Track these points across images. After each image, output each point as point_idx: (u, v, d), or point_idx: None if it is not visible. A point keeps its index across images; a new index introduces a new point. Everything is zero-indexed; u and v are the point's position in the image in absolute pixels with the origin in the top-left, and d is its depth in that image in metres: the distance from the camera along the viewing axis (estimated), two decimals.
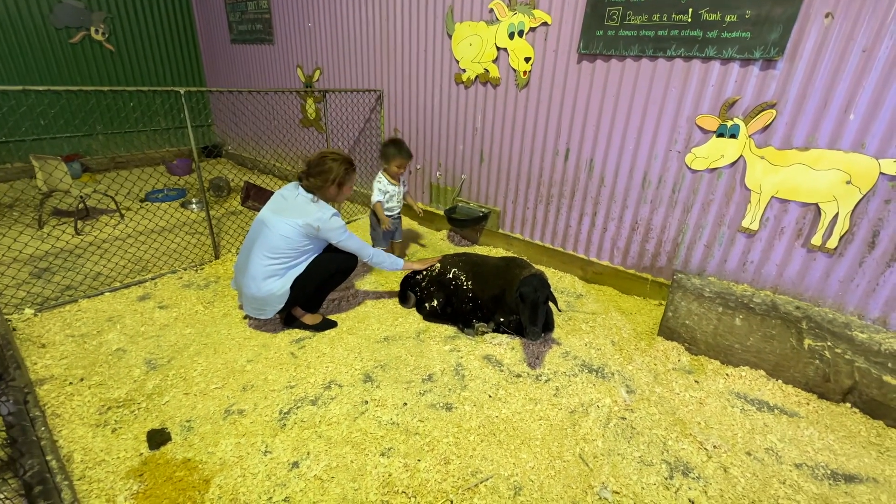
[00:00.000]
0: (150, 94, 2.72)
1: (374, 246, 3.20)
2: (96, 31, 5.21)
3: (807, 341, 2.14)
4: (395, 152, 3.00)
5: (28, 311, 2.49)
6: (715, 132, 2.42)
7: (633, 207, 2.86)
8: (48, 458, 1.52)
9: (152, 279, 2.94)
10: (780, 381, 2.23)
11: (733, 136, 2.36)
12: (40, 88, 2.32)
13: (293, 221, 2.20)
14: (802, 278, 2.35)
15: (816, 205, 2.22)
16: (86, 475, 1.60)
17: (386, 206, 3.10)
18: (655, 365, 2.33)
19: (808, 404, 2.11)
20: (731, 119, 2.35)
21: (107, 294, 2.75)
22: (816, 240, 2.26)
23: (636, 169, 2.77)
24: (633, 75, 2.61)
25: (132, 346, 2.30)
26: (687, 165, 2.57)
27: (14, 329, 2.35)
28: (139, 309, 2.63)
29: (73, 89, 2.45)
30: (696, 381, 2.22)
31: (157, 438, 1.75)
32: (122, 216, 3.97)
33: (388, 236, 3.23)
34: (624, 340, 2.52)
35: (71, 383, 2.03)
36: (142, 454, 1.70)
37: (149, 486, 1.57)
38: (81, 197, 3.69)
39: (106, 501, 1.52)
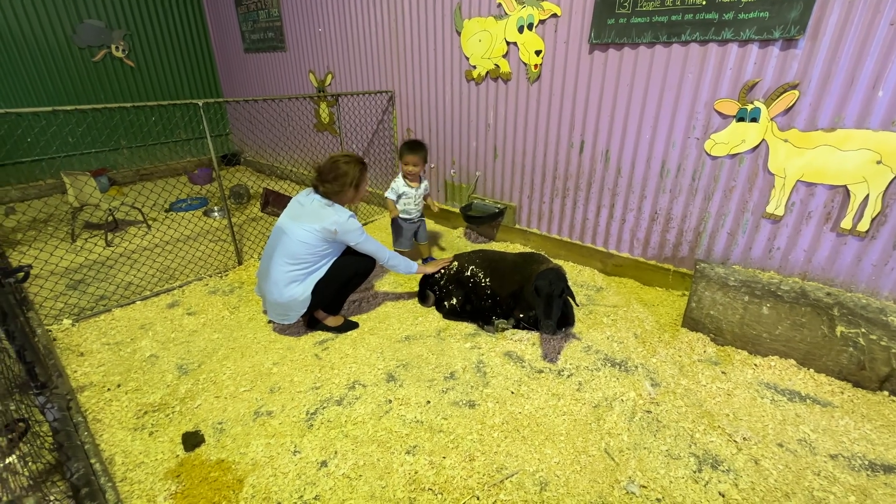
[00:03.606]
0: (170, 107, 2.80)
1: (395, 247, 3.26)
2: (117, 48, 5.39)
3: (839, 328, 2.08)
4: (404, 150, 3.04)
5: (66, 322, 2.61)
6: (735, 117, 2.36)
7: (651, 197, 2.81)
8: (92, 461, 1.60)
9: (180, 287, 3.04)
10: (811, 370, 2.17)
11: (754, 119, 2.30)
12: (68, 108, 2.42)
13: (310, 227, 2.24)
14: (833, 263, 2.28)
15: (845, 187, 2.15)
16: (127, 477, 1.68)
17: (402, 208, 3.12)
18: (680, 357, 2.29)
19: (842, 393, 2.04)
20: (752, 102, 2.29)
21: (138, 303, 2.86)
22: (846, 223, 2.18)
23: (654, 158, 2.72)
24: (647, 63, 2.57)
25: (164, 352, 2.39)
26: (706, 152, 2.51)
27: (54, 339, 2.47)
28: (169, 316, 2.73)
29: (98, 107, 2.54)
30: (722, 373, 2.17)
31: (192, 440, 1.82)
32: (148, 227, 4.12)
33: (410, 237, 3.23)
34: (647, 333, 2.49)
35: (109, 389, 2.12)
36: (178, 456, 1.77)
37: (186, 487, 1.64)
38: (110, 210, 3.84)
39: (147, 502, 1.59)
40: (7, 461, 1.30)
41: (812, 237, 2.30)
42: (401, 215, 3.15)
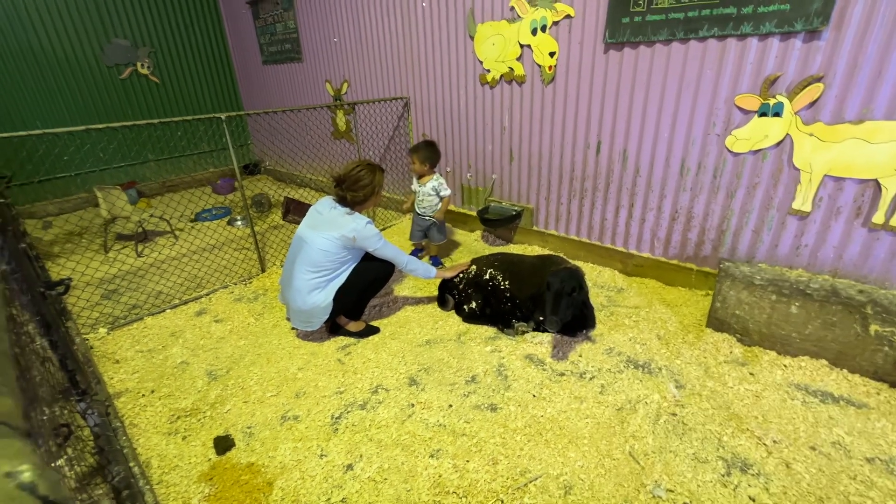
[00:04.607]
0: (195, 121, 2.91)
1: (410, 238, 3.49)
2: (142, 65, 5.61)
3: (873, 327, 2.01)
4: (411, 150, 3.26)
5: (102, 331, 2.73)
6: (756, 112, 2.31)
7: (671, 196, 2.78)
8: (131, 464, 1.68)
9: (207, 295, 3.14)
10: (844, 370, 2.10)
11: (777, 114, 2.25)
12: (100, 126, 2.53)
13: (329, 235, 2.29)
14: (865, 260, 2.21)
15: (876, 181, 2.08)
16: (163, 480, 1.75)
17: (417, 202, 3.33)
18: (706, 358, 2.25)
19: (878, 394, 1.98)
20: (774, 97, 2.24)
21: (168, 311, 2.97)
22: (878, 218, 2.11)
23: (673, 156, 2.69)
24: (664, 60, 2.54)
25: (194, 358, 2.48)
26: (728, 149, 2.47)
27: (91, 347, 2.58)
28: (197, 323, 2.82)
29: (128, 125, 2.66)
30: (750, 374, 2.13)
31: (223, 444, 1.88)
32: (176, 237, 4.26)
33: (419, 233, 3.42)
34: (670, 334, 2.45)
35: (143, 395, 2.21)
36: (210, 459, 1.83)
37: (219, 489, 1.70)
38: (140, 221, 4.00)
39: None
40: (56, 463, 1.37)
41: (842, 233, 2.24)
42: (416, 208, 3.36)
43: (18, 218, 1.89)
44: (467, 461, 1.74)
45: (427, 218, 3.32)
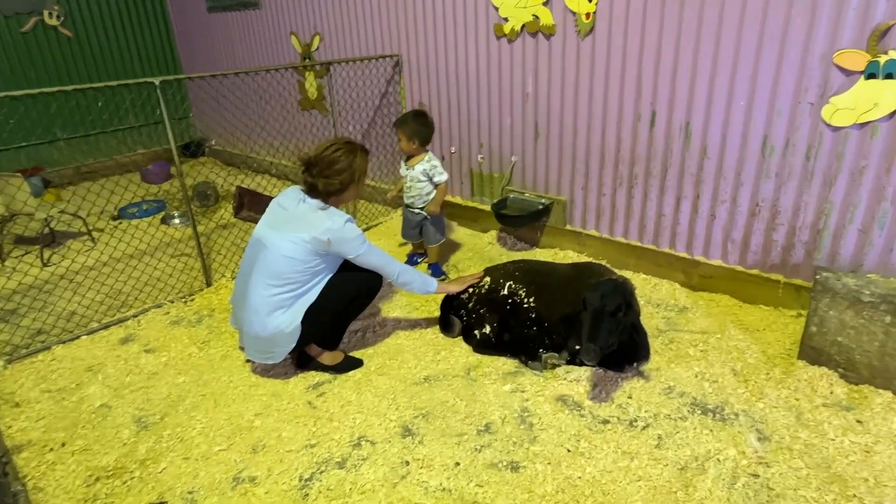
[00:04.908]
0: (120, 87, 2.96)
1: (402, 237, 3.61)
2: (50, 14, 5.70)
3: None
4: (395, 123, 3.37)
5: None
6: (862, 73, 2.33)
7: (750, 184, 2.80)
8: None
9: (134, 316, 3.18)
10: None
11: (890, 76, 2.26)
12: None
13: (297, 237, 2.31)
14: None
15: None
16: None
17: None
18: (797, 400, 2.26)
19: None
20: (885, 53, 2.26)
21: (84, 338, 3.00)
22: None
23: (751, 132, 2.71)
24: (739, 4, 2.56)
25: (118, 400, 2.50)
26: (825, 121, 2.48)
27: None
28: (122, 354, 2.85)
29: (31, 93, 2.70)
30: (858, 422, 2.13)
31: None
32: (93, 240, 4.31)
33: (411, 230, 3.50)
34: (750, 368, 2.46)
35: (52, 449, 2.23)
36: None
37: None
38: (47, 219, 4.04)
39: None
40: None
41: None
42: (404, 199, 3.43)
43: None
44: None
45: (417, 211, 3.36)
